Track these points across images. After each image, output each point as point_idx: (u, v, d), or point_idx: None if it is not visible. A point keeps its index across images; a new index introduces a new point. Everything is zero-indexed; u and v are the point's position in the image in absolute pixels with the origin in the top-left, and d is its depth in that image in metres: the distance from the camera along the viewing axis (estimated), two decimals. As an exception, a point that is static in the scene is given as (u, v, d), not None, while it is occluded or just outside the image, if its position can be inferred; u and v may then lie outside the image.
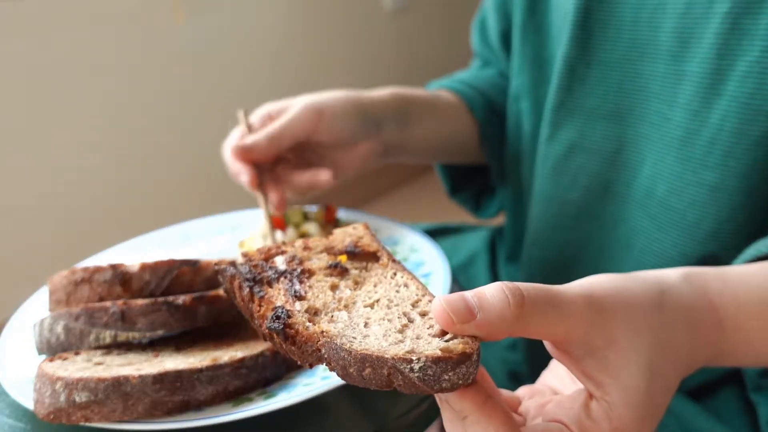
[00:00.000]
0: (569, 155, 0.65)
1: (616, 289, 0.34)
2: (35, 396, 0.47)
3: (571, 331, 0.32)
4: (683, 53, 0.55)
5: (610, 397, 0.32)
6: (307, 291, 0.38)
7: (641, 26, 0.58)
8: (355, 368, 0.31)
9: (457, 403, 0.31)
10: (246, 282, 0.38)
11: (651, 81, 0.58)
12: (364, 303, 0.36)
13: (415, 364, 0.29)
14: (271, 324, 0.35)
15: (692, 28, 0.54)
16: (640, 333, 0.33)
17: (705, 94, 0.53)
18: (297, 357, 0.34)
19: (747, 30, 0.50)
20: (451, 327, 0.30)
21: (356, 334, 0.33)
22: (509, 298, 0.30)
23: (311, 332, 0.34)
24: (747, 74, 0.50)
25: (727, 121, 0.51)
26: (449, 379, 0.29)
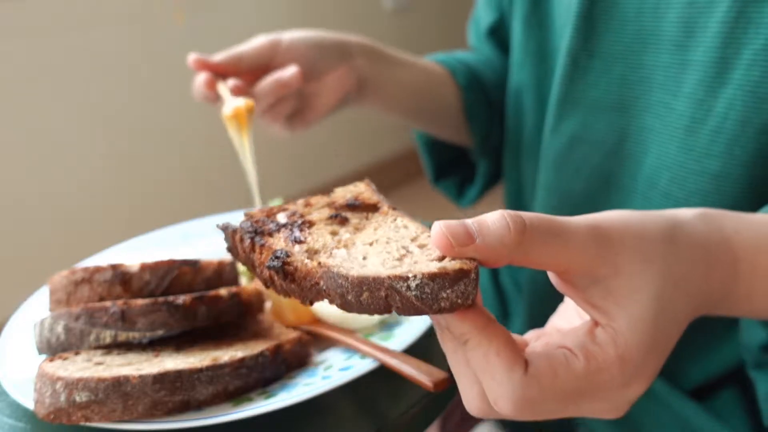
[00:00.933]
0: (572, 147, 0.66)
1: (624, 222, 0.33)
2: (35, 396, 0.47)
3: (575, 260, 0.31)
4: (688, 42, 0.55)
5: (616, 323, 0.31)
6: (307, 237, 0.38)
7: (645, 17, 0.58)
8: (353, 294, 0.31)
9: (457, 326, 0.31)
10: (247, 234, 0.39)
11: (655, 71, 0.58)
12: (363, 242, 0.36)
13: (412, 281, 0.29)
14: (270, 263, 0.35)
15: (697, 17, 0.54)
16: (650, 263, 0.32)
17: (710, 82, 0.53)
18: (297, 295, 0.34)
19: (753, 18, 0.50)
20: (449, 250, 0.30)
21: (354, 264, 0.33)
22: (510, 224, 0.30)
23: (309, 267, 0.34)
24: (753, 62, 0.50)
25: (733, 110, 0.51)
26: (447, 298, 0.29)
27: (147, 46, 1.85)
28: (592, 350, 0.31)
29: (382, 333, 0.55)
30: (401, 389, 0.51)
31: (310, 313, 0.59)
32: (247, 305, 0.57)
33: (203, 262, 0.58)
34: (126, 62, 1.82)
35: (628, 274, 0.31)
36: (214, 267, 0.59)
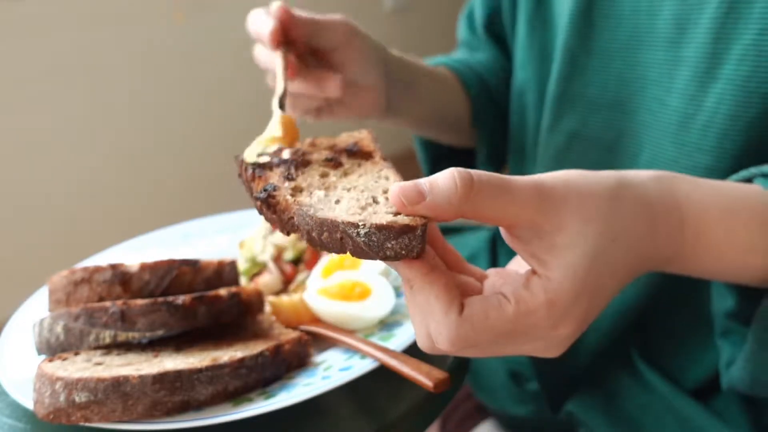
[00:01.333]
0: (570, 144, 0.66)
1: (567, 181, 0.36)
2: (35, 396, 0.47)
3: (520, 215, 0.34)
4: (680, 39, 0.55)
5: (550, 272, 0.34)
6: (299, 175, 0.42)
7: (641, 15, 0.58)
8: (316, 232, 0.35)
9: (403, 271, 0.35)
10: (251, 165, 0.43)
11: (649, 69, 0.58)
12: (344, 187, 0.40)
13: (361, 229, 0.33)
14: (257, 194, 0.39)
15: (689, 13, 0.54)
16: (590, 221, 0.35)
17: (701, 78, 0.54)
18: (277, 225, 0.38)
19: (742, 13, 0.50)
20: (402, 208, 0.33)
21: (324, 206, 0.37)
22: (458, 181, 0.33)
23: (288, 202, 0.38)
24: (742, 57, 0.50)
25: (723, 104, 0.52)
26: (392, 248, 0.33)
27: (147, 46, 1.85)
28: (523, 295, 0.34)
29: (382, 333, 0.55)
30: (401, 389, 0.50)
31: (310, 313, 0.59)
32: (247, 305, 0.57)
33: (203, 262, 0.58)
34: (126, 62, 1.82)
35: (567, 231, 0.34)
36: (214, 267, 0.59)
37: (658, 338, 0.64)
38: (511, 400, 0.73)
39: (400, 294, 0.61)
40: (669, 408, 0.60)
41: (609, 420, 0.62)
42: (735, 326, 0.49)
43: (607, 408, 0.64)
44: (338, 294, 0.58)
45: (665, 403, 0.61)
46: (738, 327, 0.48)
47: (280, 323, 0.59)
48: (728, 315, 0.48)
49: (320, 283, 0.60)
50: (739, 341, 0.48)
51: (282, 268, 0.69)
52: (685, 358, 0.61)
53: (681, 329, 0.62)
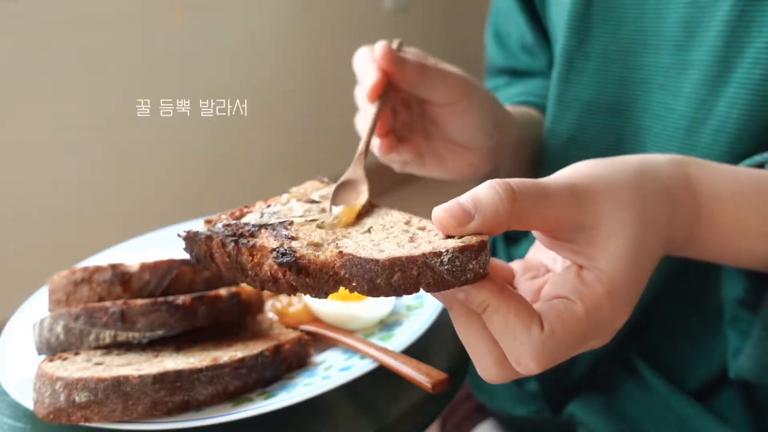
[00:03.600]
0: (568, 148, 0.65)
1: (596, 175, 0.36)
2: (35, 396, 0.47)
3: (561, 217, 0.34)
4: (689, 43, 0.55)
5: (600, 264, 0.34)
6: (297, 233, 0.37)
7: (646, 18, 0.58)
8: (383, 277, 0.32)
9: (477, 294, 0.33)
10: (228, 238, 0.37)
11: (654, 72, 0.58)
12: (360, 231, 0.37)
13: (445, 256, 0.31)
14: (280, 260, 0.34)
15: (699, 17, 0.54)
16: (625, 209, 0.35)
17: (712, 82, 0.53)
18: (311, 289, 0.34)
19: (756, 17, 0.50)
20: (453, 231, 0.33)
21: (372, 251, 0.33)
22: (501, 193, 0.32)
23: (325, 258, 0.34)
24: (756, 61, 0.50)
25: (735, 109, 0.51)
26: (473, 269, 0.32)
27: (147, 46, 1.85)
28: (584, 292, 0.34)
29: (382, 333, 0.55)
30: (401, 389, 0.51)
31: (310, 313, 0.59)
32: (247, 305, 0.57)
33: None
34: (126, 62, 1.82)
35: (607, 223, 0.35)
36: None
37: (659, 339, 0.64)
38: (511, 400, 0.73)
39: (400, 294, 0.61)
40: (669, 409, 0.60)
41: (609, 420, 0.62)
42: (744, 314, 0.49)
43: (608, 409, 0.64)
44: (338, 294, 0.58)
45: (666, 403, 0.61)
46: (746, 315, 0.48)
47: (280, 323, 0.59)
48: (738, 302, 0.48)
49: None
50: (747, 330, 0.48)
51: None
52: (686, 360, 0.61)
53: (682, 330, 0.62)
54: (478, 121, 0.57)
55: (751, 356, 0.46)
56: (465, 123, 0.56)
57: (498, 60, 0.82)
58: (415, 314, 0.57)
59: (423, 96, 0.55)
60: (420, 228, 0.36)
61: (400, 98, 0.58)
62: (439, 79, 0.54)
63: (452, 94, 0.54)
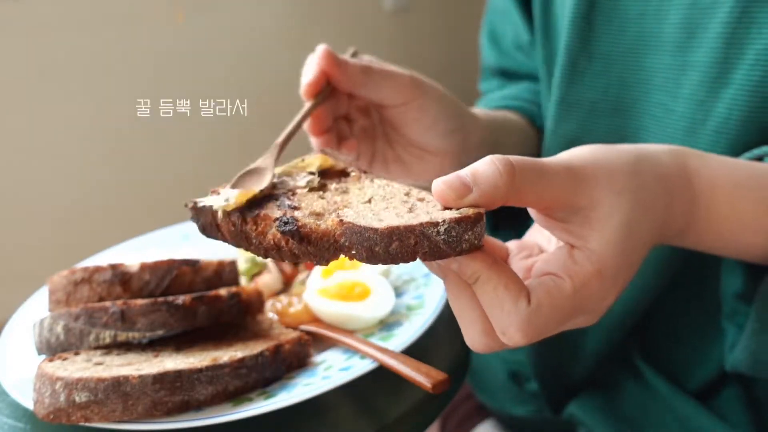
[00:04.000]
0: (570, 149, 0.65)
1: (594, 159, 0.37)
2: (35, 396, 0.47)
3: (558, 196, 0.35)
4: (689, 44, 0.55)
5: (591, 244, 0.35)
6: (300, 203, 0.38)
7: (647, 19, 0.57)
8: (381, 246, 0.33)
9: (469, 265, 0.34)
10: (232, 211, 0.38)
11: (654, 73, 0.58)
12: (360, 201, 0.38)
13: (441, 226, 0.32)
14: (283, 228, 0.35)
15: (699, 18, 0.54)
16: (621, 193, 0.36)
17: (711, 84, 0.53)
18: (312, 257, 0.35)
19: (756, 18, 0.50)
20: (451, 202, 0.33)
21: (371, 220, 0.34)
22: (500, 168, 0.33)
23: (326, 226, 0.35)
24: (756, 62, 0.50)
25: (735, 110, 0.51)
26: (468, 240, 0.32)
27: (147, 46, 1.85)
28: (573, 269, 0.35)
29: (382, 333, 0.55)
30: (401, 390, 0.50)
31: (310, 313, 0.59)
32: (247, 305, 0.57)
33: (203, 262, 0.58)
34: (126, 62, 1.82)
35: (602, 205, 0.35)
36: (214, 267, 0.59)
37: (660, 339, 0.64)
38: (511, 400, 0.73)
39: (399, 294, 0.61)
40: (670, 408, 0.60)
41: (609, 420, 0.62)
42: (741, 308, 0.49)
43: (608, 408, 0.64)
44: (338, 294, 0.58)
45: (666, 403, 0.61)
46: (744, 308, 0.49)
47: (280, 323, 0.59)
48: (736, 296, 0.48)
49: (320, 283, 0.60)
50: (743, 323, 0.48)
51: (282, 268, 0.69)
52: (687, 360, 0.61)
53: (682, 330, 0.62)
54: (435, 122, 0.56)
55: (745, 348, 0.47)
56: (422, 123, 0.56)
57: (492, 60, 0.82)
58: (415, 314, 0.57)
59: (370, 97, 0.55)
60: (419, 199, 0.36)
61: (356, 105, 0.59)
62: (384, 79, 0.54)
63: (400, 93, 0.55)
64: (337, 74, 0.54)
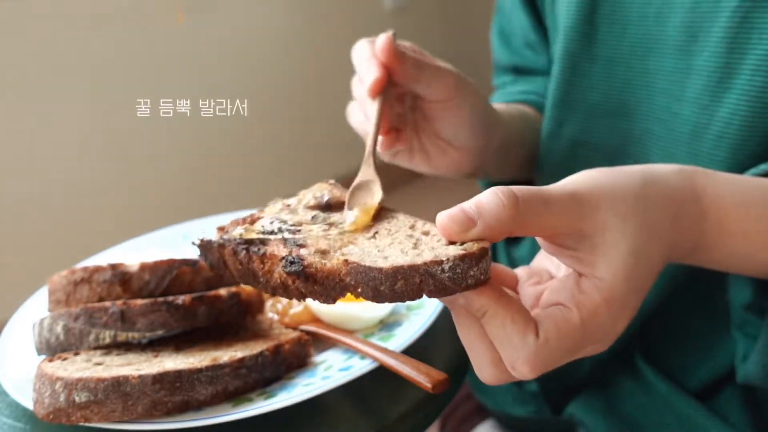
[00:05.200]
0: (574, 150, 0.65)
1: (598, 185, 0.37)
2: (35, 396, 0.47)
3: (563, 224, 0.35)
4: (691, 48, 0.54)
5: (599, 272, 0.35)
6: (306, 239, 0.38)
7: (649, 21, 0.57)
8: (387, 285, 0.33)
9: (476, 300, 0.34)
10: (240, 246, 0.39)
11: (658, 77, 0.58)
12: (365, 237, 0.38)
13: (446, 264, 0.32)
14: (289, 269, 0.36)
15: (700, 22, 0.53)
16: (626, 219, 0.36)
17: (714, 88, 0.53)
18: (319, 295, 0.36)
19: (757, 24, 0.50)
20: (456, 236, 0.33)
21: (375, 258, 0.35)
22: (504, 200, 0.33)
23: (332, 266, 0.35)
24: (756, 68, 0.50)
25: (737, 116, 0.51)
26: (473, 275, 0.33)
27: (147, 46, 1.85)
28: (581, 299, 0.35)
29: (382, 333, 0.55)
30: (401, 390, 0.50)
31: (310, 313, 0.59)
32: (247, 305, 0.57)
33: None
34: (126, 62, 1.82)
35: (608, 231, 0.35)
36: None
37: (661, 340, 0.64)
38: (511, 400, 0.73)
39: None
40: (670, 409, 0.60)
41: (609, 421, 0.62)
42: (751, 318, 0.49)
43: (607, 409, 0.64)
44: (341, 295, 0.58)
45: (666, 403, 0.61)
46: (754, 320, 0.49)
47: (279, 323, 0.59)
48: (745, 307, 0.48)
49: (320, 283, 0.60)
50: (754, 334, 0.48)
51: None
52: (689, 360, 0.61)
53: (683, 331, 0.62)
54: (467, 120, 0.57)
55: (758, 362, 0.46)
56: (455, 121, 0.56)
57: (503, 59, 0.82)
58: (415, 314, 0.57)
59: (419, 92, 0.55)
60: (424, 233, 0.36)
61: (395, 92, 0.58)
62: (435, 75, 0.54)
63: (447, 91, 0.54)
64: (397, 69, 0.52)
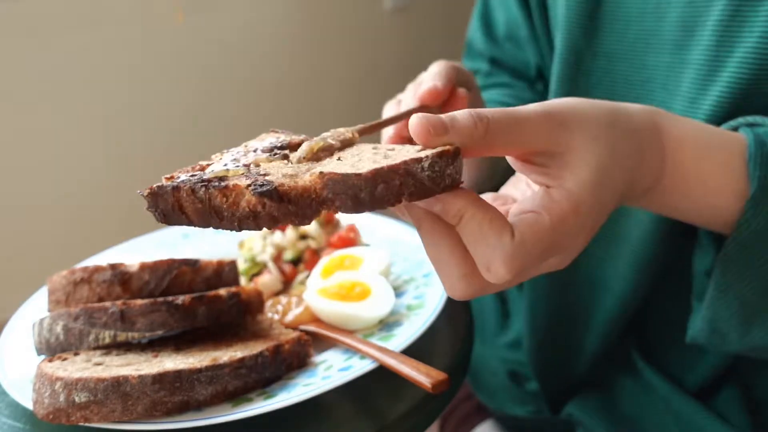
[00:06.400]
0: None
1: (571, 106, 0.38)
2: (34, 396, 0.47)
3: (533, 142, 0.36)
4: (686, 42, 0.55)
5: (567, 184, 0.36)
6: (267, 171, 0.36)
7: (647, 17, 0.58)
8: (366, 191, 0.32)
9: (453, 203, 0.34)
10: (198, 184, 0.36)
11: (656, 72, 0.58)
12: (331, 162, 0.37)
13: (425, 162, 0.32)
14: (260, 190, 0.33)
15: (696, 16, 0.54)
16: (596, 140, 0.37)
17: (702, 81, 0.53)
18: (293, 216, 0.34)
19: (748, 17, 0.50)
20: (428, 138, 0.34)
21: (351, 170, 0.33)
22: (477, 120, 0.34)
23: (306, 182, 0.34)
24: (743, 61, 0.50)
25: (721, 108, 0.52)
26: (450, 174, 0.33)
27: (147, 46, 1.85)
28: (551, 206, 0.36)
29: (382, 333, 0.55)
30: (401, 390, 0.50)
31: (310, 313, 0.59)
32: (247, 305, 0.57)
33: (203, 262, 0.58)
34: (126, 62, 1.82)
35: (578, 149, 0.37)
36: (213, 267, 0.59)
37: (658, 339, 0.64)
38: (510, 400, 0.73)
39: (399, 294, 0.61)
40: (669, 408, 0.60)
41: (608, 420, 0.62)
42: None
43: (606, 408, 0.64)
44: (338, 294, 0.58)
45: (665, 403, 0.61)
46: None
47: (279, 323, 0.59)
48: (706, 273, 0.48)
49: (320, 283, 0.60)
50: None
51: (282, 268, 0.69)
52: (686, 359, 0.61)
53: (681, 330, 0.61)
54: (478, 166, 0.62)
55: (703, 318, 0.47)
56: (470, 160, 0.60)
57: (481, 46, 0.82)
58: (415, 314, 0.57)
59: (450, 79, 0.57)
60: (389, 149, 0.36)
61: None
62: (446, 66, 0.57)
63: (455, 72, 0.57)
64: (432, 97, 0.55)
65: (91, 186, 1.81)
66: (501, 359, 0.76)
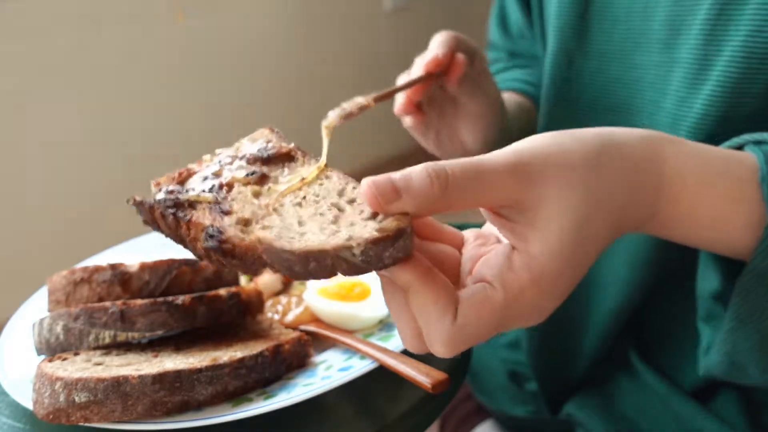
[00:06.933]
0: None
1: (546, 153, 0.34)
2: (34, 396, 0.47)
3: (498, 198, 0.33)
4: (674, 41, 0.55)
5: (532, 248, 0.33)
6: (232, 204, 0.37)
7: (635, 17, 0.58)
8: (300, 266, 0.32)
9: (400, 275, 0.33)
10: (168, 210, 0.37)
11: (645, 71, 0.58)
12: (292, 203, 0.37)
13: (356, 249, 0.31)
14: (207, 244, 0.35)
15: (683, 15, 0.54)
16: (573, 189, 0.34)
17: (692, 80, 0.53)
18: (241, 269, 0.35)
19: (733, 16, 0.50)
20: (379, 208, 0.32)
21: (293, 234, 0.34)
22: (434, 179, 0.32)
23: (248, 243, 0.34)
24: (732, 59, 0.50)
25: (712, 107, 0.52)
26: (390, 255, 0.31)
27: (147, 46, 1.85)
28: (508, 279, 0.33)
29: (382, 333, 0.55)
30: (401, 390, 0.50)
31: (310, 313, 0.59)
32: (247, 305, 0.57)
33: (203, 262, 0.58)
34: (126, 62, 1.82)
35: (550, 202, 0.33)
36: (213, 267, 0.59)
37: (656, 339, 0.64)
38: (510, 400, 0.73)
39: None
40: (667, 408, 0.60)
41: (607, 421, 0.62)
42: (719, 310, 0.47)
43: (605, 408, 0.64)
44: (338, 294, 0.58)
45: (664, 403, 0.61)
46: (722, 311, 0.47)
47: (279, 323, 0.59)
48: (713, 297, 0.47)
49: (320, 283, 0.60)
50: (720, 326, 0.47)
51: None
52: (684, 359, 0.61)
53: (679, 330, 0.62)
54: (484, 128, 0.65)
55: (720, 350, 0.44)
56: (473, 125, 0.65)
57: (500, 42, 0.85)
58: (415, 314, 0.57)
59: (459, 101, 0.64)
60: (350, 201, 0.35)
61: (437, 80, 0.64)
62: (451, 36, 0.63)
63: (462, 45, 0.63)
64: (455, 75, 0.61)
65: (91, 186, 1.81)
66: (500, 359, 0.76)
